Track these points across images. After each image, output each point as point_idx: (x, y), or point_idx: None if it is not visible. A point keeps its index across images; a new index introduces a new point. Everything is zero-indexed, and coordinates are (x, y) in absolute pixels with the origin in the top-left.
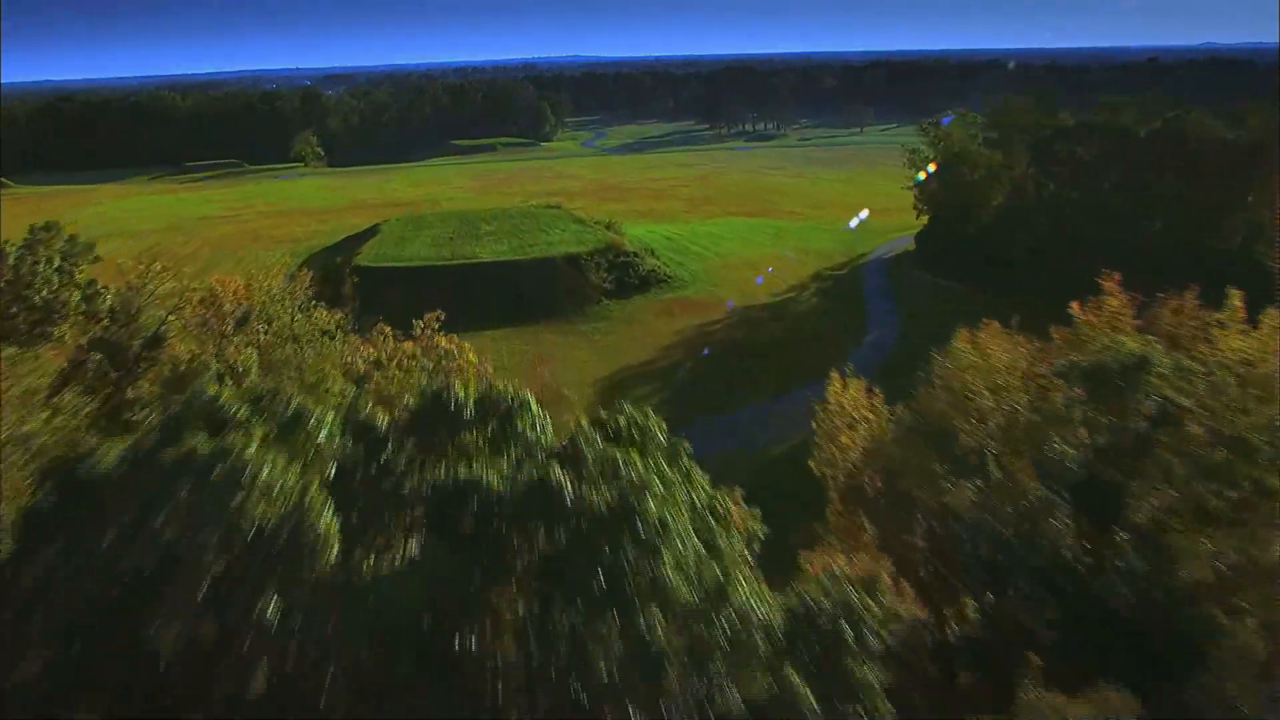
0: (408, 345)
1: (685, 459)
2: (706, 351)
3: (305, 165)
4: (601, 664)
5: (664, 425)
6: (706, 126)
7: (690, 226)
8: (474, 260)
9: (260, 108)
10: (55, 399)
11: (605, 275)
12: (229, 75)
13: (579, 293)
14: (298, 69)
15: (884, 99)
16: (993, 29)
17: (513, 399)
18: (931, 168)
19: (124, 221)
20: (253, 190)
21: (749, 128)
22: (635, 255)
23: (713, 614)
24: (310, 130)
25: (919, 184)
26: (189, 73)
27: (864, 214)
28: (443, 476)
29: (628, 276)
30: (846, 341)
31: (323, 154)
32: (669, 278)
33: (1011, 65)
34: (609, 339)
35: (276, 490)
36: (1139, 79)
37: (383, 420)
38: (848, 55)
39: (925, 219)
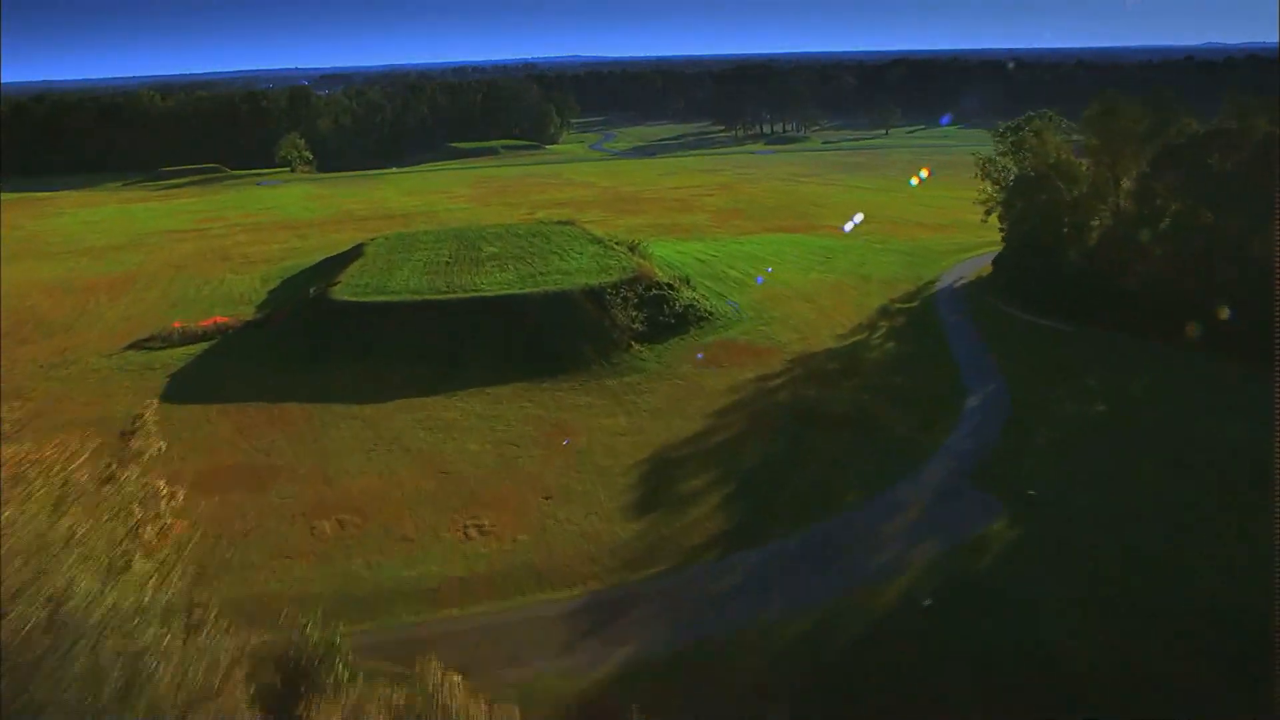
0: None
1: None
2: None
3: (291, 170)
4: None
5: None
6: (722, 128)
7: (723, 245)
8: (475, 293)
9: (243, 108)
10: None
11: (634, 313)
12: (225, 75)
13: (604, 336)
14: (296, 69)
15: (907, 99)
16: (994, 29)
17: None
18: (925, 173)
19: (81, 235)
20: (230, 199)
21: (766, 129)
22: (669, 287)
23: None
24: (297, 132)
25: (1004, 200)
26: (184, 73)
27: (858, 217)
28: None
29: (662, 314)
30: (945, 406)
31: (310, 158)
32: (710, 315)
33: (1011, 65)
34: (646, 400)
35: None
36: (1182, 77)
37: None
38: (849, 55)
39: (990, 237)
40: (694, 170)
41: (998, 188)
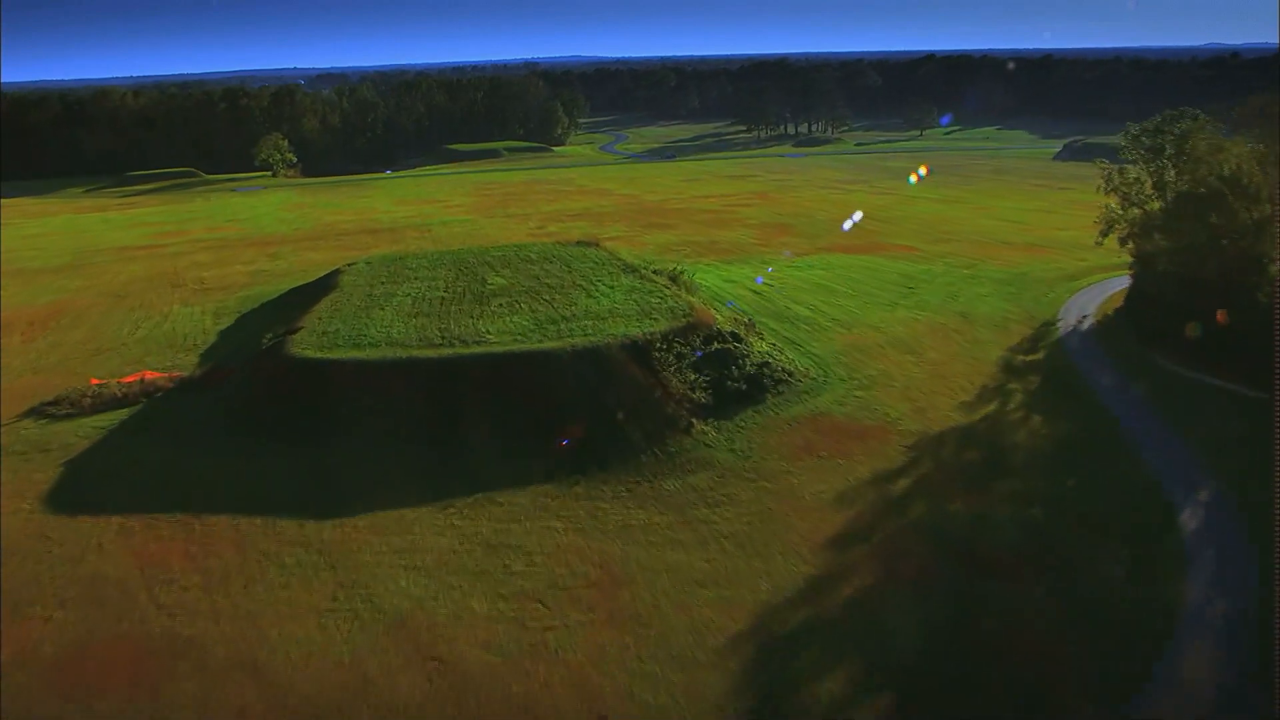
0: None
1: None
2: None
3: (273, 175)
4: None
5: None
6: (742, 129)
7: (779, 271)
8: (478, 348)
9: (222, 106)
10: None
11: (693, 376)
12: (221, 76)
13: (655, 411)
14: (295, 69)
15: (939, 98)
16: (995, 30)
17: None
18: (924, 171)
19: (17, 253)
20: (198, 208)
21: (790, 130)
22: (734, 338)
23: None
24: (280, 133)
25: (1161, 222)
26: (181, 73)
27: (858, 215)
28: None
29: (729, 377)
30: (1155, 530)
31: (294, 161)
32: (789, 375)
33: (1011, 65)
34: (724, 518)
35: None
36: (1234, 75)
37: None
38: (868, 55)
39: (1095, 259)
40: (721, 176)
41: (1127, 203)
